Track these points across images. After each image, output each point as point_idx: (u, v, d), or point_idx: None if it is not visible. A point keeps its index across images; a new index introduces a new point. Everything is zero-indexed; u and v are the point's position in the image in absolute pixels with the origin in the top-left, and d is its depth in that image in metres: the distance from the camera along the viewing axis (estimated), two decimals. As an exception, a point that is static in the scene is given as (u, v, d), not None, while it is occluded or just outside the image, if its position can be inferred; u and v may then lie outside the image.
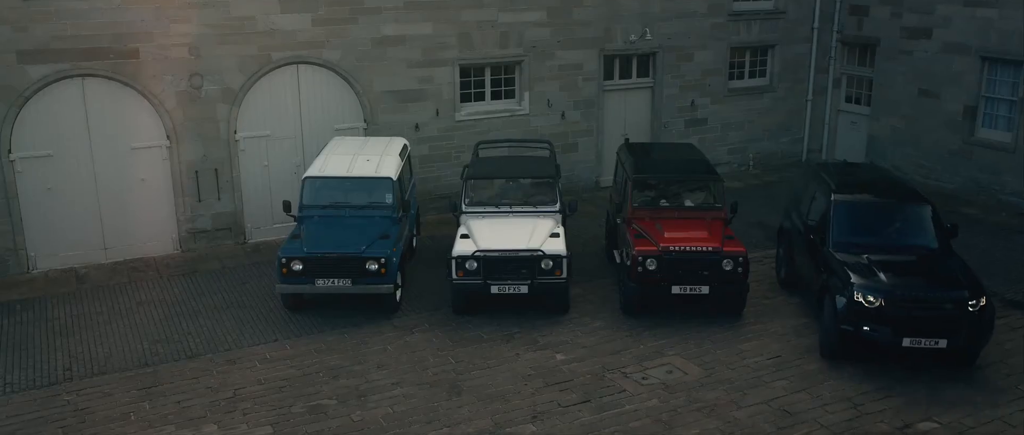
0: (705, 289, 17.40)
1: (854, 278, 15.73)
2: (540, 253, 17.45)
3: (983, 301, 15.28)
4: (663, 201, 18.99)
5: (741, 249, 17.55)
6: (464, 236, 18.18)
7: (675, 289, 17.40)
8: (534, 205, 19.18)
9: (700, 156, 20.83)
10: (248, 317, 18.18)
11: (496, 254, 17.49)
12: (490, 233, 18.07)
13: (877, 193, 18.00)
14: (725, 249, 17.42)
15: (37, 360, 16.46)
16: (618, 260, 19.02)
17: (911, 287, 15.49)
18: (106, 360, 16.41)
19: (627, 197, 18.89)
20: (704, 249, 17.42)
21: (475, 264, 17.48)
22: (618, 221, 19.37)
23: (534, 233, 18.04)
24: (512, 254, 17.49)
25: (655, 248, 17.45)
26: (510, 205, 19.23)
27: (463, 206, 19.19)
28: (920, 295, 15.32)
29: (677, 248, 17.39)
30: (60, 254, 20.76)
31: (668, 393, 15.15)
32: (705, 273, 17.37)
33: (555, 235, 18.17)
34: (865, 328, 15.36)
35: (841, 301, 15.62)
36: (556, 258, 17.47)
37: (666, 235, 17.77)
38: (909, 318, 15.15)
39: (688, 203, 19.06)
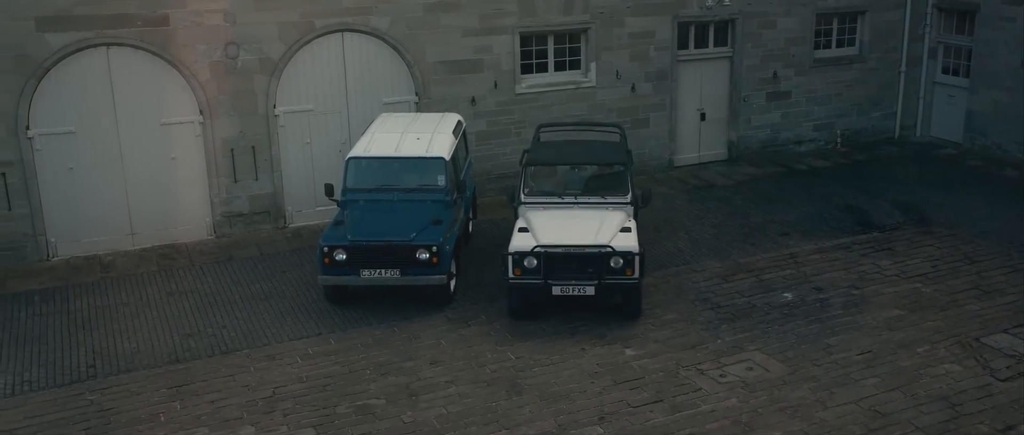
0: None
1: None
2: (609, 250, 16.83)
3: None
4: None
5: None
6: (522, 229, 17.56)
7: None
8: (602, 196, 18.44)
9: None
10: (288, 308, 18.04)
11: (559, 250, 16.87)
12: (552, 226, 17.40)
13: None
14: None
15: (58, 356, 16.40)
16: None
17: None
18: (133, 356, 16.34)
19: None
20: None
21: (535, 261, 16.84)
22: None
23: (602, 227, 17.35)
24: (577, 250, 16.86)
25: None
26: (575, 195, 18.55)
27: (521, 196, 18.50)
28: None
29: None
30: (83, 240, 20.71)
31: (748, 392, 14.88)
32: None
33: (626, 230, 17.48)
34: None
35: None
36: (627, 255, 16.80)
37: None
38: None
39: None
